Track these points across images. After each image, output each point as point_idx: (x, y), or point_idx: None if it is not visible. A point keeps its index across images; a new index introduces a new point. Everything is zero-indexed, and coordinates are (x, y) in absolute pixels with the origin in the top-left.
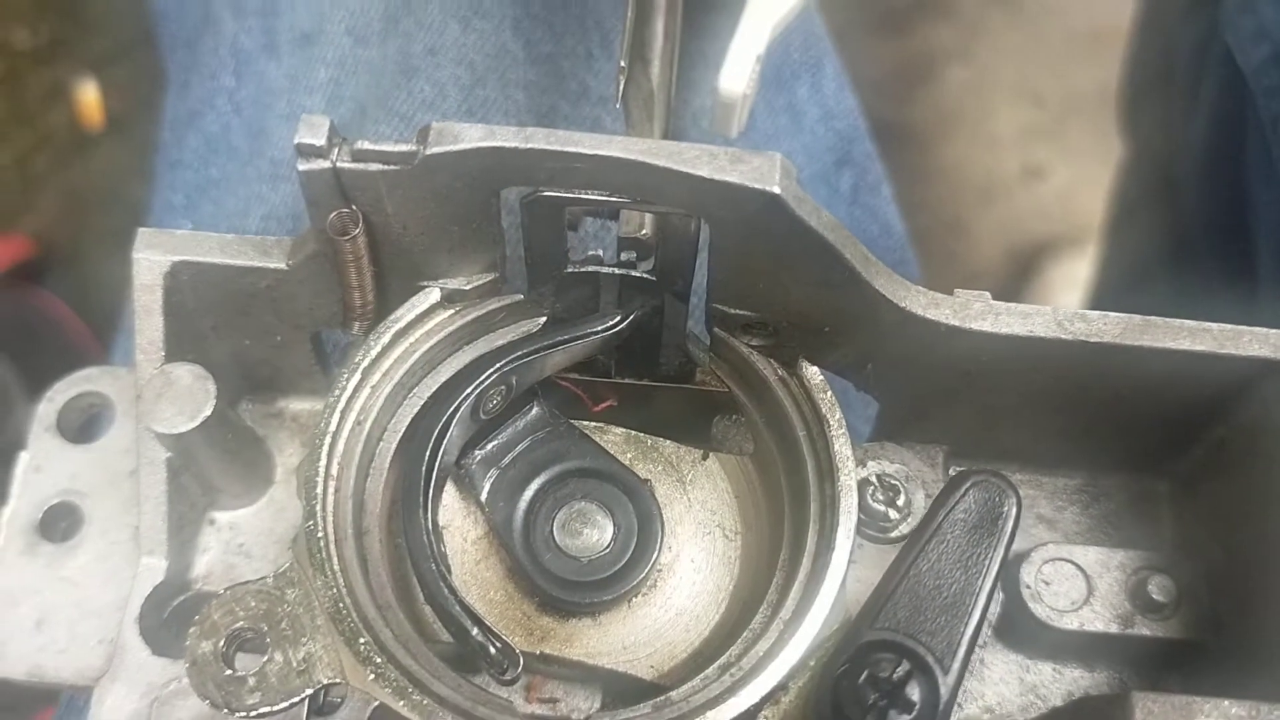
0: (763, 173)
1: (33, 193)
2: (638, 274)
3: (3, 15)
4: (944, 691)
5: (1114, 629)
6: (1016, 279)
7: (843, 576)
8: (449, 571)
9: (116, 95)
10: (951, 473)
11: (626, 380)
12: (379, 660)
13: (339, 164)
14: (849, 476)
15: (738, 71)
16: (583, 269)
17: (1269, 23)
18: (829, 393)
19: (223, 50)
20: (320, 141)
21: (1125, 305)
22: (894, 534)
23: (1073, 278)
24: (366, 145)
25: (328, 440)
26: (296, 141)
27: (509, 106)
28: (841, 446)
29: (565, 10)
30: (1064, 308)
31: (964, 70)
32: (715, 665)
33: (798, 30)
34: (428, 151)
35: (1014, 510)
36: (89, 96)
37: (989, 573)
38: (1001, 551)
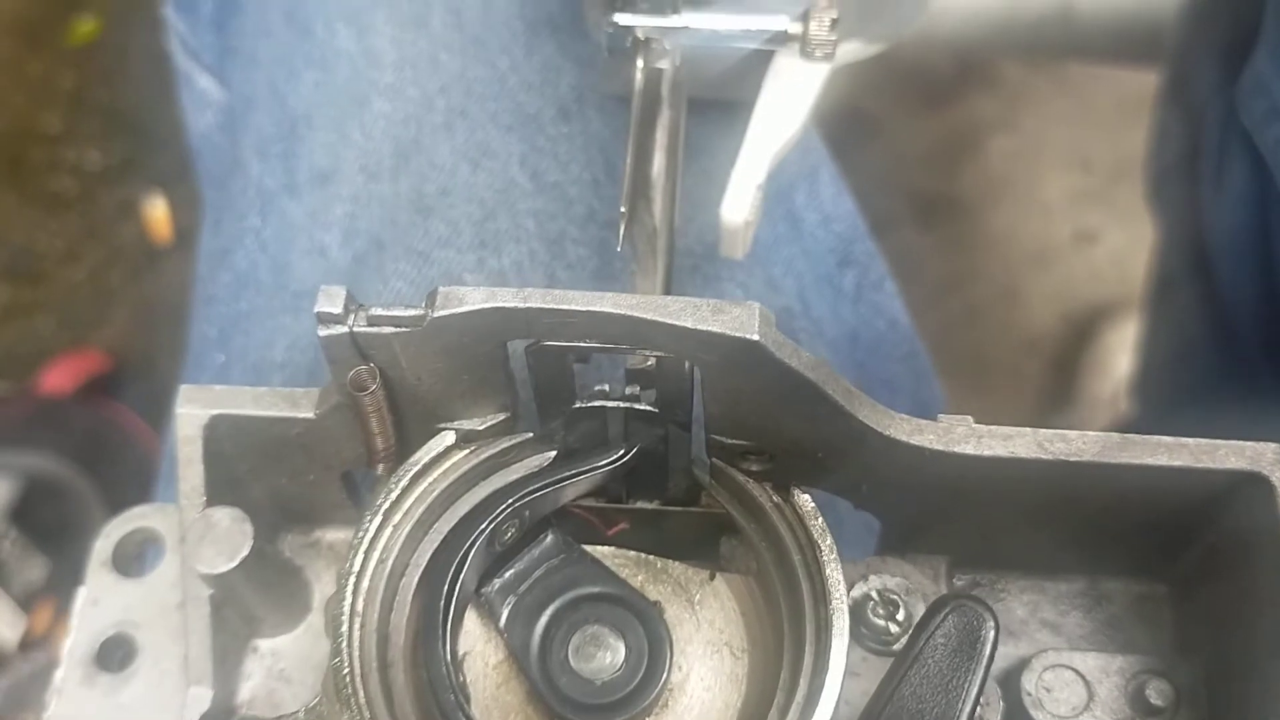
0: (742, 322)
1: (106, 306)
2: (641, 407)
3: (77, 139)
4: None
5: None
6: (1073, 344)
7: (836, 699)
8: (468, 700)
9: (184, 210)
10: (957, 583)
11: (637, 505)
12: None
13: (355, 329)
14: (840, 600)
15: (739, 202)
16: (589, 404)
17: None
18: (820, 519)
19: (250, 191)
20: (338, 310)
21: (1171, 380)
22: (895, 646)
23: (1128, 340)
24: (379, 311)
25: (352, 580)
26: (316, 310)
27: (519, 234)
28: (832, 571)
29: (570, 142)
30: (1043, 430)
31: (1010, 139)
32: None
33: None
34: (435, 314)
35: (991, 633)
36: (158, 212)
37: (969, 695)
38: (980, 674)
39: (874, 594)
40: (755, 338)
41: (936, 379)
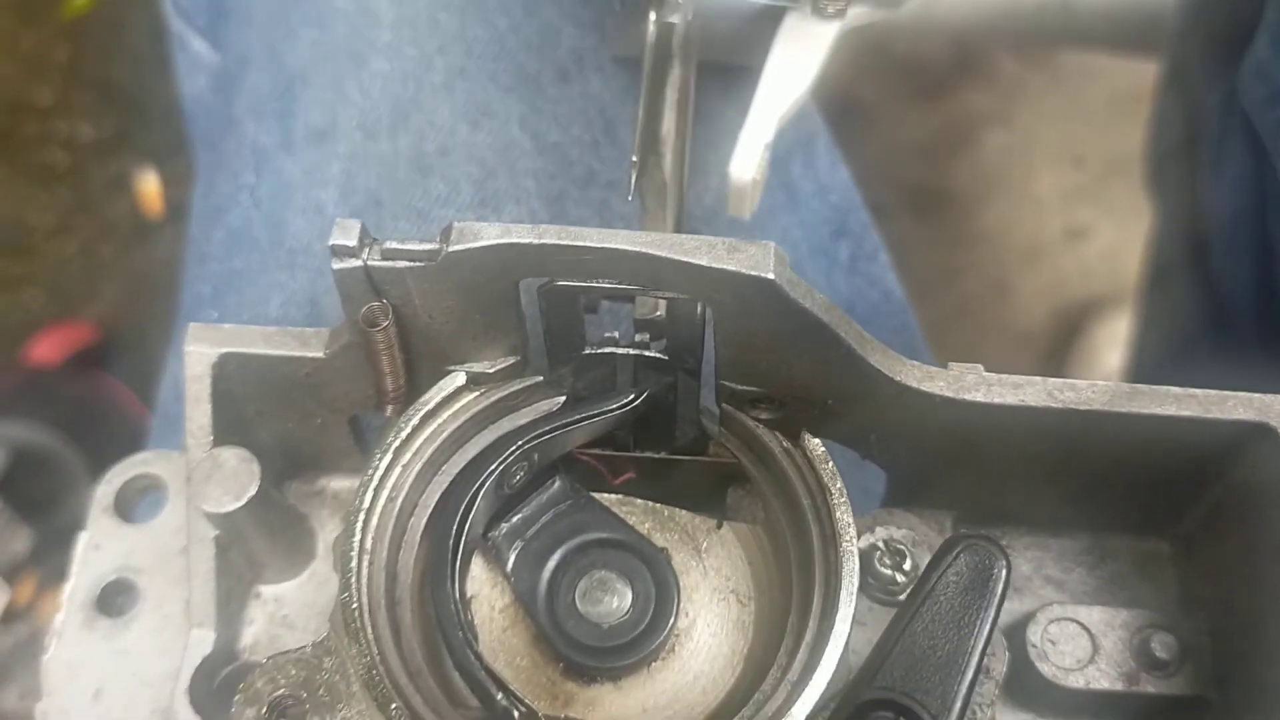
0: (757, 261)
1: (96, 280)
2: (651, 354)
3: (69, 112)
4: None
5: (1119, 687)
6: (1063, 340)
7: (845, 639)
8: (476, 639)
9: (176, 184)
10: None
11: (644, 454)
12: None
13: (370, 262)
14: (850, 543)
15: (748, 160)
16: (599, 350)
17: None
18: (830, 463)
19: (244, 149)
20: (353, 242)
21: (1166, 372)
22: (901, 597)
23: (1119, 336)
24: (394, 245)
25: (361, 516)
26: (331, 243)
27: (519, 194)
28: (842, 514)
29: (570, 103)
30: (1053, 379)
31: (1004, 134)
32: None
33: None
34: (450, 249)
35: (1003, 573)
36: (150, 186)
37: (981, 632)
38: (993, 611)
39: (881, 544)
40: (770, 276)
41: (928, 350)
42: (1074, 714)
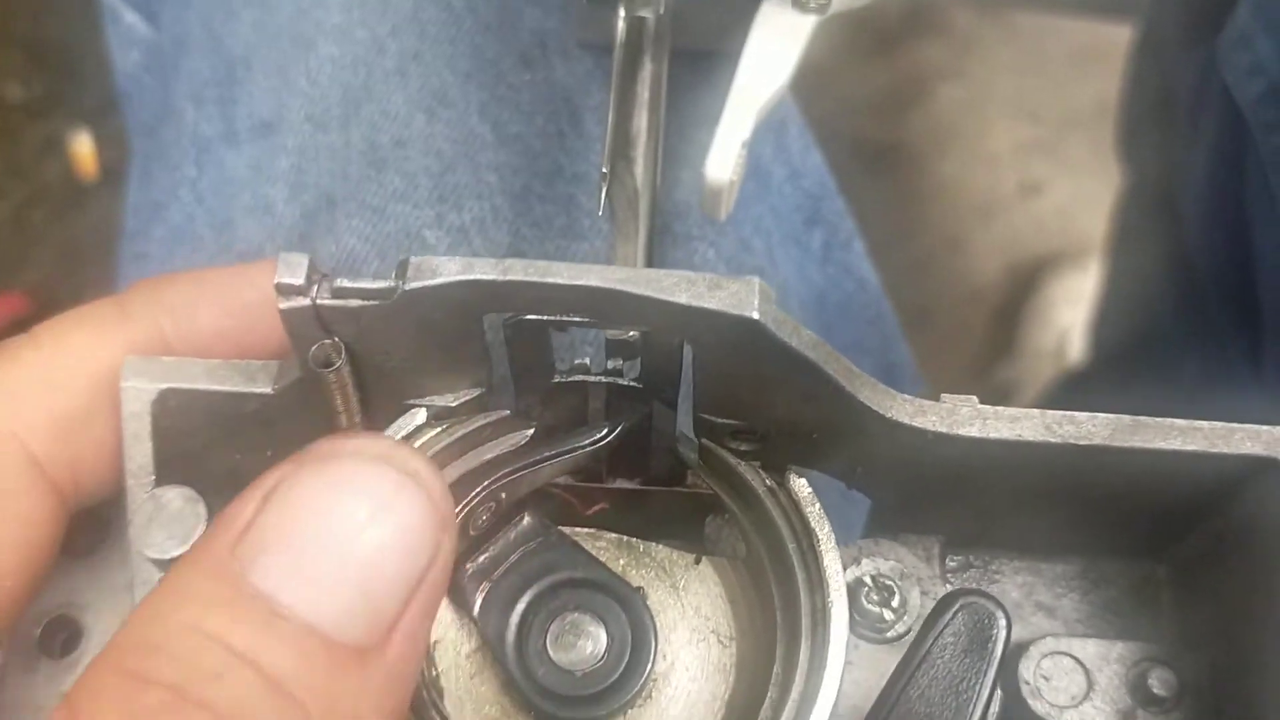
0: (741, 298)
1: (29, 246)
2: (625, 382)
3: None
4: None
5: None
6: (1017, 295)
7: (835, 697)
8: (441, 695)
9: (110, 146)
10: (950, 564)
11: (618, 484)
12: None
13: (319, 301)
14: (839, 592)
15: (723, 159)
16: (570, 379)
17: (1265, 58)
18: (817, 505)
19: (184, 140)
20: (299, 280)
21: (1130, 329)
22: (890, 634)
23: (1074, 292)
24: (345, 283)
25: None
26: (276, 282)
27: (481, 189)
28: (830, 562)
29: (533, 90)
30: (1052, 411)
31: (958, 88)
32: None
33: None
34: (406, 287)
35: (1003, 633)
36: (83, 149)
37: (979, 697)
38: (992, 675)
39: (868, 579)
40: (755, 316)
41: (904, 341)
42: None
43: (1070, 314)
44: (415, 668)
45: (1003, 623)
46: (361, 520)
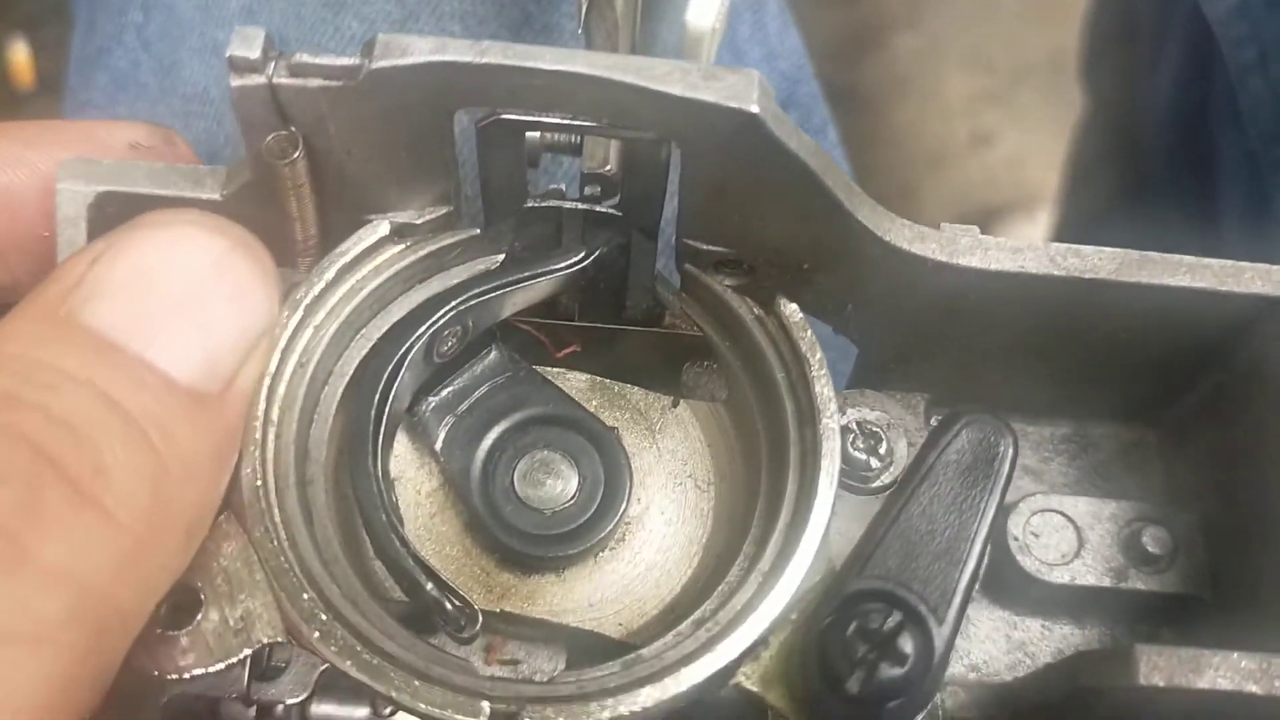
0: (739, 91)
1: None
2: (602, 209)
3: None
4: (938, 643)
5: (1106, 583)
6: None
7: (826, 523)
8: (401, 524)
9: (47, 55)
10: (933, 422)
11: (591, 324)
12: (324, 617)
13: (276, 79)
14: (831, 419)
15: (706, 4)
16: (544, 203)
17: None
18: (809, 331)
19: None
20: (255, 54)
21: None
22: (875, 484)
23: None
24: (306, 59)
25: (266, 383)
26: (229, 54)
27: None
28: (823, 388)
29: None
30: (1056, 243)
31: (914, 37)
32: (689, 621)
33: None
34: (373, 66)
35: (1010, 451)
36: (19, 57)
37: (984, 517)
38: (997, 495)
39: (854, 426)
40: (754, 110)
41: None
42: (1054, 611)
43: None
44: (242, 434)
45: (1009, 439)
46: (202, 273)
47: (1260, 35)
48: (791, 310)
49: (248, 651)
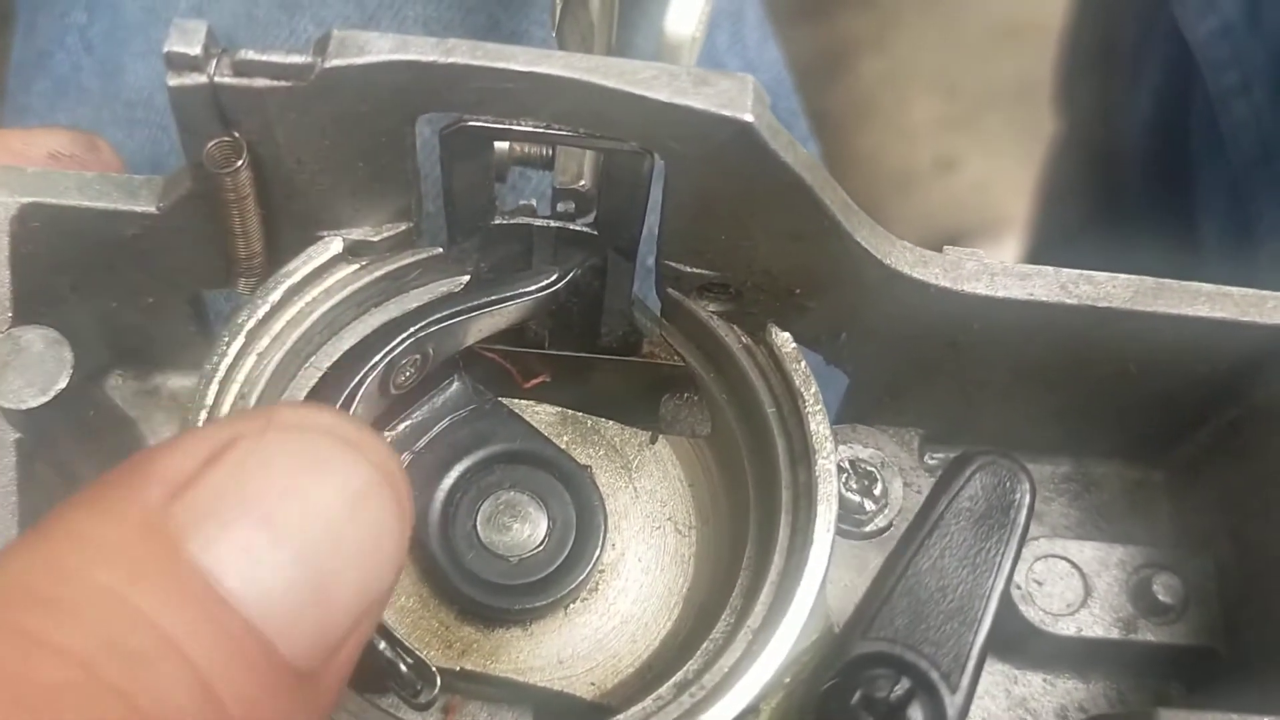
0: (732, 97)
1: None
2: (576, 227)
3: None
4: (951, 712)
5: (1115, 634)
6: None
7: (823, 575)
8: None
9: None
10: (930, 461)
11: (562, 352)
12: None
13: (218, 79)
14: (828, 459)
15: (686, 11)
16: (513, 220)
17: None
18: (803, 363)
19: None
20: (195, 51)
21: None
22: (869, 527)
23: None
24: (251, 56)
25: (203, 416)
26: (166, 50)
27: None
28: (818, 425)
29: None
30: (1067, 269)
31: (879, 60)
32: (670, 684)
33: None
34: (327, 64)
35: (1027, 498)
36: None
37: (1000, 572)
38: (1014, 547)
39: (847, 464)
40: (748, 118)
41: None
42: (1056, 664)
43: None
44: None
45: (1027, 486)
46: (336, 514)
47: (1242, 59)
48: (784, 339)
49: None
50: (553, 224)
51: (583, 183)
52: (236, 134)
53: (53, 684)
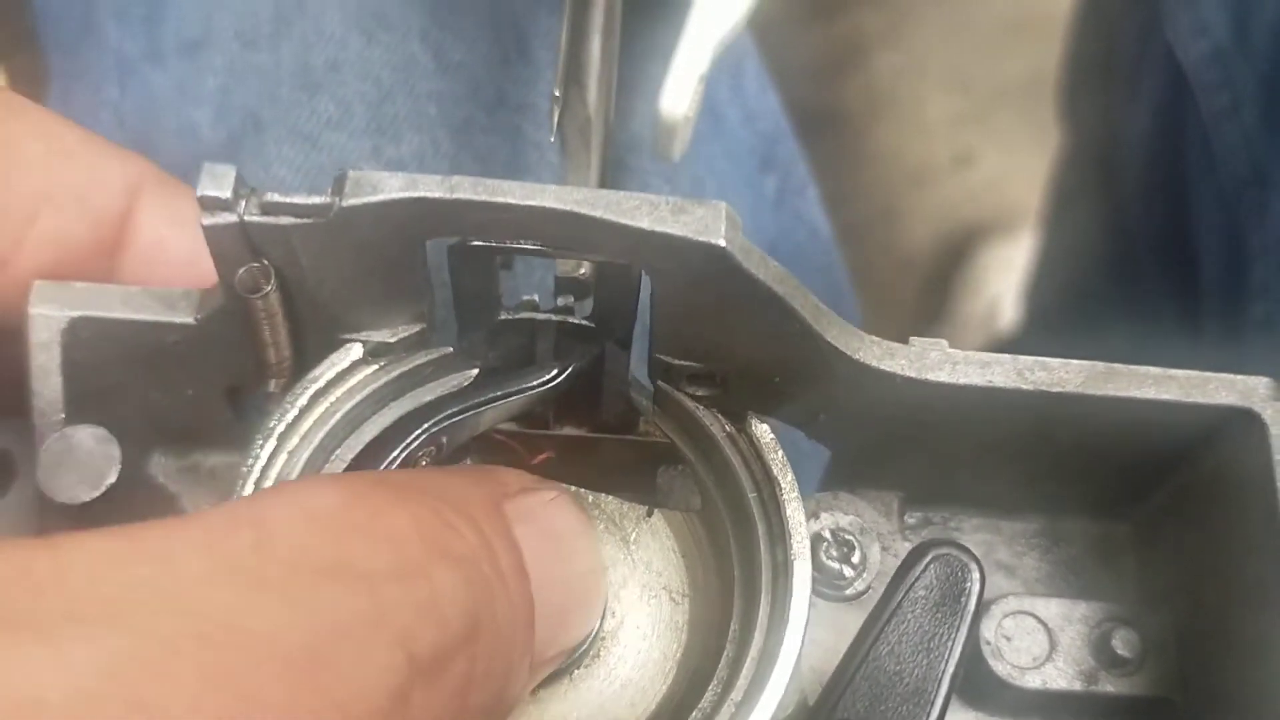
0: (707, 224)
1: None
2: (576, 321)
3: None
4: None
5: (1077, 687)
6: (948, 264)
7: (797, 656)
8: None
9: (25, 83)
10: (909, 520)
11: (565, 431)
12: None
13: (246, 217)
14: (802, 544)
15: (680, 93)
16: (517, 315)
17: (1209, 18)
18: (780, 453)
19: (107, 59)
20: (225, 194)
21: (1062, 293)
22: (849, 592)
23: (1006, 261)
24: (276, 198)
25: None
26: (199, 194)
27: (420, 121)
28: (794, 512)
29: (475, 14)
30: (1024, 357)
31: (894, 56)
32: None
33: None
34: (344, 204)
35: (977, 587)
36: None
37: (952, 656)
38: (964, 632)
39: (827, 534)
40: (722, 244)
41: (853, 293)
42: (1023, 713)
43: (1000, 282)
44: None
45: (976, 576)
46: (584, 569)
47: (1233, 82)
48: (763, 431)
49: None
50: (554, 318)
51: (582, 271)
52: (265, 261)
53: (460, 555)
